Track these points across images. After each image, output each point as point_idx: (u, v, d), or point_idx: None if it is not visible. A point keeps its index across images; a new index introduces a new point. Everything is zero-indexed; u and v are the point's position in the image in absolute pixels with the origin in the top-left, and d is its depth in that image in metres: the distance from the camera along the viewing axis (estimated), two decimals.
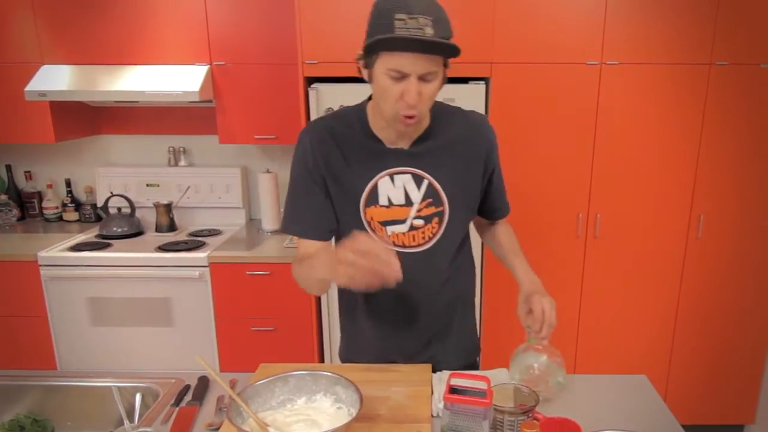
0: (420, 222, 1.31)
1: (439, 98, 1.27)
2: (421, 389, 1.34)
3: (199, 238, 2.88)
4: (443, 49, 1.10)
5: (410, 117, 1.18)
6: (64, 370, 2.66)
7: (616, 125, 2.45)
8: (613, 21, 2.34)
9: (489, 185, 1.42)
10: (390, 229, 1.31)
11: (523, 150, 2.48)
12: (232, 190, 3.09)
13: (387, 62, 1.11)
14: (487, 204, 1.46)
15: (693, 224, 2.54)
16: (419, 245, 1.33)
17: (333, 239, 1.41)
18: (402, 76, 1.12)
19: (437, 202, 1.31)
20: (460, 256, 1.44)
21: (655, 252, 2.58)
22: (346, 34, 2.34)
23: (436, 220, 1.32)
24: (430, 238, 1.33)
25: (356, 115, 1.32)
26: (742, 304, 2.64)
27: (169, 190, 3.09)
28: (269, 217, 2.97)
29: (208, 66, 2.70)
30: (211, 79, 2.71)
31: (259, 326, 2.68)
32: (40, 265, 2.62)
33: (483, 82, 2.42)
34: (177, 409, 1.31)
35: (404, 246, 1.32)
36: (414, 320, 1.42)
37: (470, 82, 2.40)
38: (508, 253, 1.47)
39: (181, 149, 3.14)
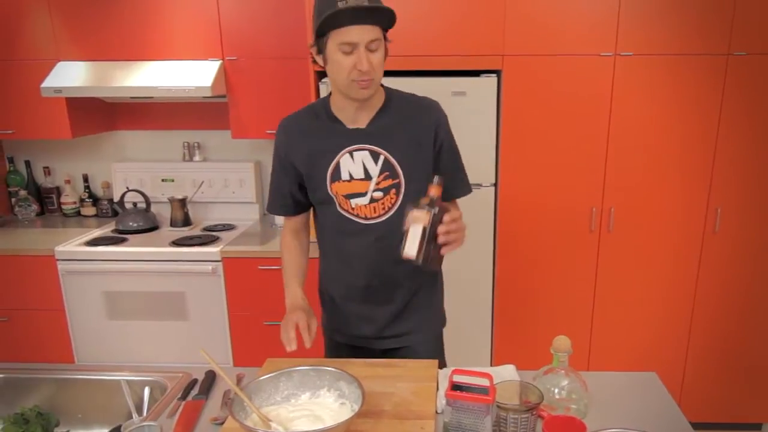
0: (379, 194, 1.46)
1: (450, 91, 1.38)
2: (427, 385, 1.34)
3: (213, 233, 2.90)
4: (382, 14, 1.29)
5: (364, 81, 1.34)
6: (76, 364, 2.70)
7: (630, 118, 2.41)
8: (627, 11, 2.30)
9: (438, 161, 1.52)
10: (353, 201, 1.46)
11: (536, 143, 2.45)
12: (246, 184, 3.11)
13: (337, 38, 1.28)
14: None
15: (710, 218, 2.49)
16: (380, 216, 1.47)
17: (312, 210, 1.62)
18: (352, 49, 1.29)
19: (393, 174, 1.45)
20: None
21: (671, 246, 2.53)
22: None
23: (393, 191, 1.46)
24: (390, 209, 1.47)
25: (321, 104, 1.51)
26: (761, 299, 2.58)
27: (184, 185, 3.11)
28: None
29: (221, 61, 2.71)
30: (224, 74, 2.72)
31: (272, 320, 2.70)
32: (57, 260, 2.66)
33: (495, 74, 2.38)
34: (183, 403, 1.32)
35: (367, 218, 1.47)
36: (384, 290, 1.53)
37: (482, 74, 2.37)
38: None
39: (196, 144, 3.16)
